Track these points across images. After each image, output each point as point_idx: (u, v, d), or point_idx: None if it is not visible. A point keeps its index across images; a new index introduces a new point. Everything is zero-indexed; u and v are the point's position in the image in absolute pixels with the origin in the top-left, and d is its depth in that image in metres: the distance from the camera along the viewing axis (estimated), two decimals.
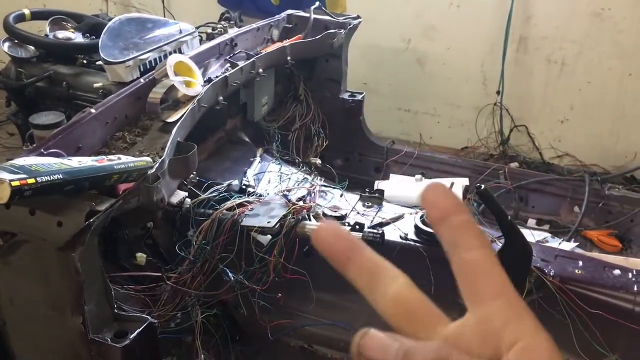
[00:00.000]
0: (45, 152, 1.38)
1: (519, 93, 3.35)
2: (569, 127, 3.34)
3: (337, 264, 0.40)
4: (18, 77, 2.10)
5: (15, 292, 1.35)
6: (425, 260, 1.68)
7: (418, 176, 2.56)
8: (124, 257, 1.62)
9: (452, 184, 1.83)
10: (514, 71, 3.30)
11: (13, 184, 1.06)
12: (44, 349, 1.40)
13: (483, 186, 1.63)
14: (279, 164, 2.26)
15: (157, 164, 1.36)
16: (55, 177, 1.14)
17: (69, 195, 1.20)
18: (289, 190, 1.94)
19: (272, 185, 2.07)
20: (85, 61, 2.14)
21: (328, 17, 2.54)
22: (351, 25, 2.52)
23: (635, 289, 1.56)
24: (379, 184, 2.50)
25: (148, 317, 1.33)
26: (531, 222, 2.48)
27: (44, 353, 1.41)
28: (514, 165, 3.15)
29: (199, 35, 2.28)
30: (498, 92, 3.32)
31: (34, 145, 1.47)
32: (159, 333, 1.40)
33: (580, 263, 1.68)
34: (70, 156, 1.40)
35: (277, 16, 2.51)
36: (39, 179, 1.10)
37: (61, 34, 2.16)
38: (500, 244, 1.69)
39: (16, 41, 2.13)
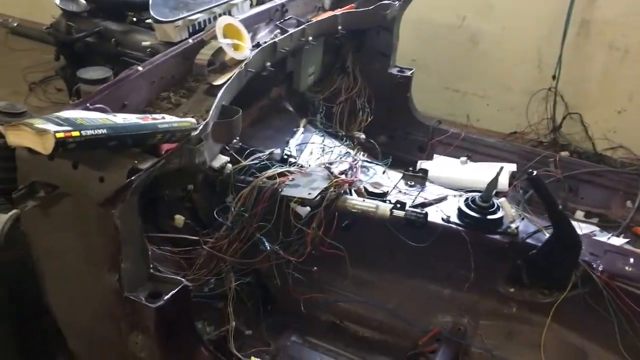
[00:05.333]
0: (90, 107, 1.36)
1: (575, 79, 3.21)
2: (626, 118, 3.18)
3: None
4: (68, 31, 2.11)
5: (54, 245, 1.36)
6: (466, 245, 1.63)
7: (463, 158, 2.48)
8: (163, 218, 1.62)
9: (502, 168, 1.76)
10: (572, 56, 3.14)
11: (57, 135, 1.04)
12: (80, 304, 1.41)
13: (535, 172, 1.56)
14: (322, 135, 2.22)
15: (201, 126, 1.34)
16: (100, 131, 1.12)
17: (112, 151, 1.18)
18: (331, 164, 1.90)
19: (314, 157, 2.04)
20: (135, 19, 2.12)
21: None
22: None
23: None
24: (422, 164, 2.43)
25: (183, 280, 1.32)
26: (579, 214, 2.38)
27: (79, 307, 1.42)
28: (565, 154, 3.02)
29: None
30: (554, 77, 3.18)
31: (80, 99, 1.46)
32: (192, 297, 1.39)
33: (631, 260, 1.61)
34: (115, 113, 1.38)
35: None
36: (83, 132, 1.09)
37: None
38: (548, 234, 1.63)
39: None
